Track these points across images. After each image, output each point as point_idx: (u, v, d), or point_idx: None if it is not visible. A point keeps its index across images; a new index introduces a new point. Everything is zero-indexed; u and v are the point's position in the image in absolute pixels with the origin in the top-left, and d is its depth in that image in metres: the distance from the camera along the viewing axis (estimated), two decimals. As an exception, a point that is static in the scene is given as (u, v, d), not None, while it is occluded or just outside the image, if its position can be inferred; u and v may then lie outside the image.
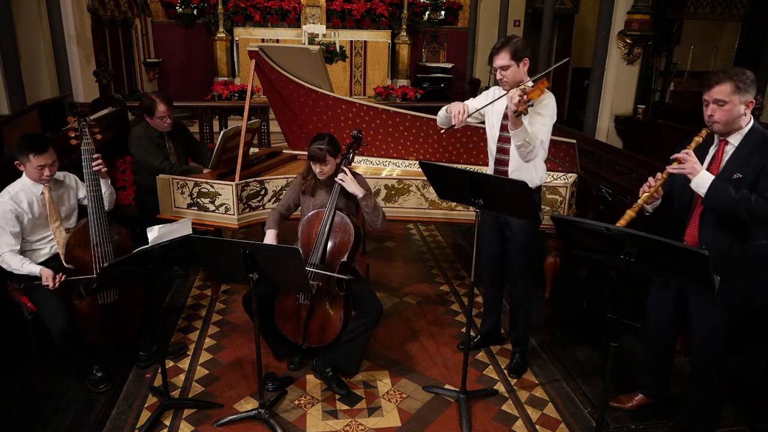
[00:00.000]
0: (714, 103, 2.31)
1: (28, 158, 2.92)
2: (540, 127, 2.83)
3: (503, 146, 2.99)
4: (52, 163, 2.99)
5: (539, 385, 3.19)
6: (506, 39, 2.84)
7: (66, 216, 3.15)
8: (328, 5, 10.29)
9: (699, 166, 2.31)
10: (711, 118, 2.34)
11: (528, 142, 2.72)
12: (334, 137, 3.13)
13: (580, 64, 10.75)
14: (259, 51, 3.99)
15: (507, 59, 2.79)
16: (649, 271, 2.22)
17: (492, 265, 3.28)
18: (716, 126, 2.35)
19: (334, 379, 3.09)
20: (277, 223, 3.23)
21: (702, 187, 2.30)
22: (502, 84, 2.88)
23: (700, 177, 2.30)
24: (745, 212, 2.24)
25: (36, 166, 2.93)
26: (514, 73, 2.82)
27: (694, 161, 2.31)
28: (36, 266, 2.91)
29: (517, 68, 2.82)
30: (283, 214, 3.29)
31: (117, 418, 2.85)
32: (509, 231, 3.09)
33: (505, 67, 2.81)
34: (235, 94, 9.43)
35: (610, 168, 4.73)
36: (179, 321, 3.79)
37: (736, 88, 2.26)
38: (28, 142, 2.96)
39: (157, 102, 3.98)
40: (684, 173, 2.33)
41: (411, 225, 5.63)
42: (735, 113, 2.30)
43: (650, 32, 6.73)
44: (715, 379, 2.58)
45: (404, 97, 9.89)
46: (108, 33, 8.20)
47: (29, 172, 2.96)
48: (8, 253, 2.90)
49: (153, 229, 2.72)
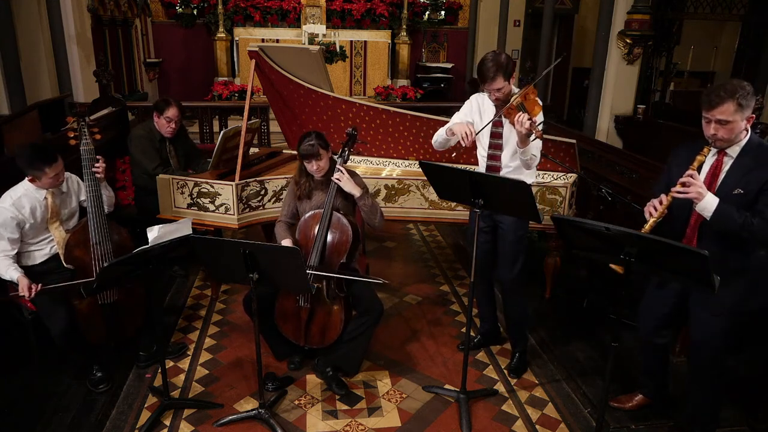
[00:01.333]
0: (717, 123, 2.28)
1: (43, 171, 2.88)
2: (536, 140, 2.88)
3: (495, 153, 3.03)
4: (63, 168, 2.98)
5: (539, 385, 3.19)
6: (495, 60, 2.78)
7: (67, 219, 3.14)
8: (328, 5, 10.29)
9: (704, 191, 2.29)
10: (714, 137, 2.31)
11: (534, 156, 2.88)
12: (321, 133, 3.12)
13: (580, 64, 10.76)
14: (259, 51, 3.99)
15: (501, 82, 2.82)
16: (649, 271, 2.22)
17: (482, 262, 3.26)
18: (719, 143, 2.33)
19: (334, 379, 3.09)
20: (287, 232, 3.20)
21: (707, 211, 2.29)
22: (496, 102, 2.92)
23: (706, 201, 2.28)
24: (748, 234, 2.26)
25: (51, 176, 2.91)
26: (506, 92, 2.86)
27: (699, 186, 2.28)
28: (16, 272, 2.85)
29: (509, 85, 2.86)
30: (289, 223, 3.26)
31: (117, 418, 2.85)
32: (501, 229, 3.11)
33: (500, 89, 2.84)
34: (235, 94, 9.43)
35: (610, 168, 4.72)
36: (179, 321, 3.79)
37: (739, 106, 2.22)
38: (39, 155, 2.89)
39: (171, 103, 4.00)
40: (689, 198, 2.31)
41: (411, 225, 5.63)
42: (737, 130, 2.28)
43: (650, 32, 6.73)
44: (714, 380, 2.58)
45: (404, 97, 9.89)
46: (108, 33, 8.20)
47: (44, 183, 2.92)
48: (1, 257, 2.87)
49: (153, 229, 2.72)
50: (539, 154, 2.95)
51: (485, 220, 3.13)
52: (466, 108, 3.12)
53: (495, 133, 3.00)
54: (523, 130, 2.66)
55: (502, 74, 2.79)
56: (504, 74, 2.79)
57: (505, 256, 3.14)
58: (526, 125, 2.64)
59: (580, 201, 4.34)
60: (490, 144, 3.03)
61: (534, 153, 2.88)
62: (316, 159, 3.04)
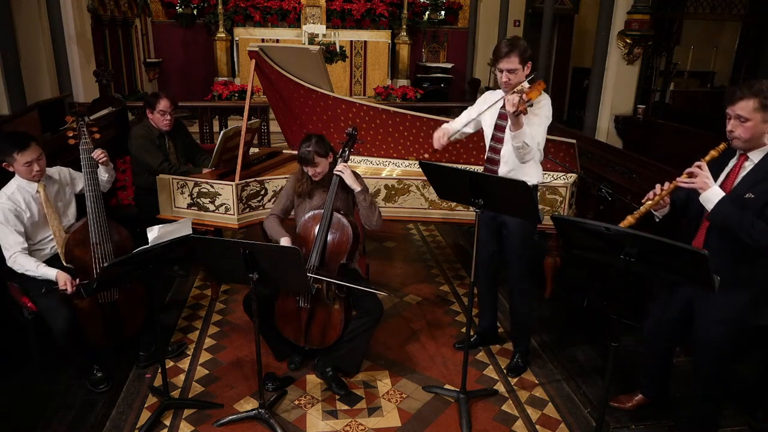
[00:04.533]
0: (736, 118, 2.25)
1: (13, 157, 2.88)
2: (536, 128, 2.83)
3: (495, 146, 3.00)
4: (39, 158, 2.95)
5: (539, 385, 3.19)
6: (513, 41, 2.81)
7: (64, 212, 3.14)
8: (328, 5, 10.30)
9: (710, 181, 2.26)
10: (731, 134, 2.28)
11: (527, 144, 2.74)
12: (322, 137, 3.11)
13: (580, 64, 10.76)
14: (259, 51, 3.99)
15: (516, 63, 2.78)
16: (649, 272, 2.22)
17: (487, 263, 3.27)
18: (736, 142, 2.28)
19: (334, 379, 3.09)
20: (281, 227, 3.20)
21: (710, 203, 2.26)
22: (505, 86, 2.86)
23: (711, 192, 2.25)
24: (747, 235, 2.20)
25: (23, 163, 2.89)
26: (519, 76, 2.82)
27: (705, 175, 2.26)
28: (52, 270, 2.88)
29: (522, 71, 2.82)
30: (281, 218, 3.26)
31: (117, 418, 2.85)
32: (506, 230, 3.09)
33: (512, 70, 2.80)
34: (235, 94, 9.43)
35: (610, 168, 4.72)
36: (179, 321, 3.79)
37: (761, 105, 2.18)
38: (9, 140, 2.90)
39: (160, 96, 4.01)
40: (694, 188, 2.28)
41: (411, 225, 5.63)
42: (757, 131, 2.23)
43: (650, 32, 6.72)
44: (718, 384, 2.57)
45: (404, 97, 9.89)
46: (108, 33, 8.20)
47: (19, 170, 2.92)
48: (20, 253, 2.88)
49: (153, 229, 2.71)
50: (534, 146, 2.77)
51: (493, 222, 3.12)
52: (479, 102, 3.12)
53: (499, 125, 2.97)
54: (511, 108, 2.59)
55: (517, 54, 2.76)
56: (519, 55, 2.76)
57: (512, 258, 3.13)
58: (514, 100, 2.56)
59: (580, 201, 4.34)
60: (492, 136, 3.02)
61: (527, 141, 2.72)
62: (311, 165, 3.04)
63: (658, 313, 2.74)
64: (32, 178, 2.96)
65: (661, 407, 2.95)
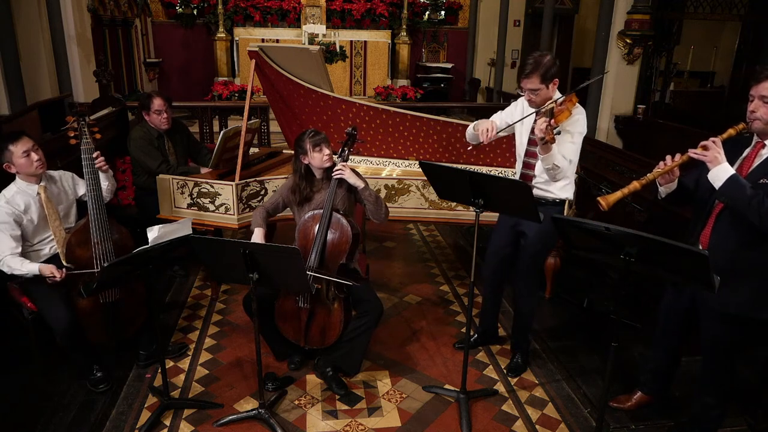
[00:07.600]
0: (759, 99, 2.19)
1: (9, 151, 2.87)
2: (569, 145, 2.77)
3: (529, 161, 2.94)
4: (35, 148, 2.94)
5: (539, 385, 3.19)
6: (537, 60, 2.71)
7: (65, 214, 3.14)
8: (328, 5, 10.31)
9: (722, 157, 2.20)
10: (753, 114, 2.22)
11: (557, 165, 2.72)
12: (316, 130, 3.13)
13: (580, 64, 10.77)
14: (259, 51, 3.99)
15: (537, 83, 2.72)
16: (649, 272, 2.22)
17: (496, 266, 3.24)
18: (756, 124, 2.23)
19: (334, 379, 3.08)
20: (264, 221, 3.19)
21: (719, 180, 2.20)
22: (530, 104, 2.83)
23: (720, 168, 2.20)
24: (756, 215, 2.14)
25: (20, 154, 2.87)
26: (542, 96, 2.76)
27: (718, 150, 2.20)
28: (34, 265, 2.88)
29: (546, 90, 2.76)
30: (269, 213, 3.25)
31: (117, 418, 2.85)
32: (525, 240, 3.05)
33: (534, 90, 2.75)
34: (235, 94, 9.44)
35: (610, 168, 4.73)
36: (179, 321, 3.79)
37: None
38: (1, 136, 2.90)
39: (153, 96, 4.02)
40: (705, 160, 2.22)
41: (411, 225, 5.63)
42: None
43: (650, 32, 6.73)
44: (722, 383, 2.56)
45: (404, 97, 9.90)
46: (108, 33, 8.21)
47: (19, 165, 2.90)
48: (9, 256, 2.87)
49: (153, 229, 2.71)
50: (566, 165, 2.74)
51: (512, 230, 3.08)
52: (510, 107, 3.08)
53: (532, 140, 2.89)
54: (539, 134, 2.56)
55: (539, 75, 2.68)
56: (541, 75, 2.69)
57: (524, 266, 3.10)
58: (542, 127, 2.51)
59: (580, 201, 4.34)
60: (526, 152, 2.97)
61: (557, 163, 2.71)
62: (326, 144, 3.04)
63: (669, 302, 2.71)
64: (35, 171, 2.94)
65: (661, 407, 2.95)
